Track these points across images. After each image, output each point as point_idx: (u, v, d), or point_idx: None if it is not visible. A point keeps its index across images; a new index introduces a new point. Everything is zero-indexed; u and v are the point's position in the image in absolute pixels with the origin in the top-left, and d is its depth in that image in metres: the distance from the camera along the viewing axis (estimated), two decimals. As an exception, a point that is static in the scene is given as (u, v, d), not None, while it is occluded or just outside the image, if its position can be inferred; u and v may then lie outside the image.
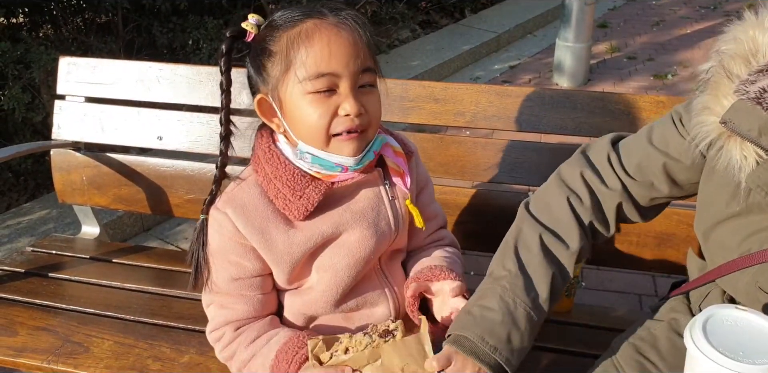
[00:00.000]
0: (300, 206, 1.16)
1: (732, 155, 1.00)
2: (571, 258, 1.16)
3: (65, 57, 1.97)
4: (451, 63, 4.94)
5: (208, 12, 4.16)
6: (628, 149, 1.21)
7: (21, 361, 1.48)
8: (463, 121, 1.72)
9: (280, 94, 1.11)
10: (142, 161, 1.94)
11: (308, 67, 1.07)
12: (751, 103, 0.96)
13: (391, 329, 1.10)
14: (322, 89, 1.08)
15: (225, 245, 1.19)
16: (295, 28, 1.09)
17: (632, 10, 6.46)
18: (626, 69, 4.94)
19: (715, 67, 1.03)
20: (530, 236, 1.18)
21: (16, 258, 1.90)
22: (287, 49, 1.08)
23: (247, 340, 1.23)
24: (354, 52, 1.09)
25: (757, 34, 0.99)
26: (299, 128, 1.12)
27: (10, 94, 2.96)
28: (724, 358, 0.85)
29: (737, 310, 0.92)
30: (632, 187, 1.19)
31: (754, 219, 1.04)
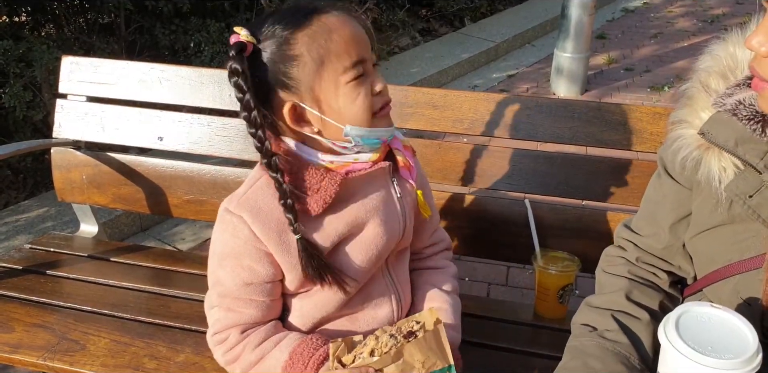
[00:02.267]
0: (318, 199, 1.15)
1: (711, 167, 1.03)
2: (621, 298, 1.18)
3: (68, 56, 1.99)
4: (450, 71, 4.97)
5: (210, 15, 4.18)
6: (635, 218, 1.28)
7: (17, 357, 1.49)
8: (461, 128, 1.74)
9: (315, 92, 1.12)
10: (142, 161, 1.96)
11: (344, 58, 1.10)
12: (728, 115, 0.99)
13: (415, 330, 1.12)
14: (358, 75, 1.12)
15: (240, 249, 1.17)
16: (311, 27, 1.09)
17: (630, 22, 6.52)
18: (623, 80, 4.98)
19: (692, 83, 1.07)
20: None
21: (14, 255, 1.91)
22: (316, 48, 1.09)
23: (254, 343, 1.21)
24: (366, 36, 1.15)
25: (737, 51, 1.02)
26: (345, 116, 1.13)
27: (11, 92, 2.98)
28: (691, 351, 0.88)
29: (712, 308, 0.95)
30: (641, 243, 1.24)
31: (736, 229, 1.06)
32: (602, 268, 1.27)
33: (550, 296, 1.66)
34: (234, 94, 1.09)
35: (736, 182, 1.02)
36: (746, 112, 0.98)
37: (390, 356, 1.08)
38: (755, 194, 1.00)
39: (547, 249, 1.68)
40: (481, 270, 2.82)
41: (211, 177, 1.90)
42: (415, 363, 1.07)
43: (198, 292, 1.72)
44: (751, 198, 1.01)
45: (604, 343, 1.11)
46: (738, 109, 0.98)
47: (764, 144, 0.99)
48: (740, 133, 0.99)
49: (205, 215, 1.92)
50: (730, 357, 0.87)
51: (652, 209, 1.22)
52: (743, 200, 1.01)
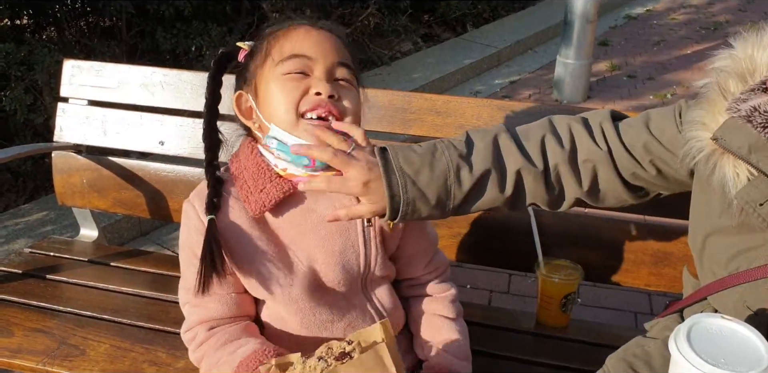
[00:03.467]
0: (258, 200, 1.16)
1: (725, 172, 1.02)
2: (515, 170, 1.14)
3: (70, 60, 1.98)
4: (452, 76, 4.98)
5: (212, 19, 4.18)
6: (626, 126, 1.19)
7: (16, 362, 1.48)
8: (464, 135, 1.74)
9: (256, 83, 1.16)
10: (143, 166, 1.95)
11: (284, 50, 1.13)
12: (742, 121, 0.98)
13: (348, 351, 1.03)
14: (295, 70, 1.12)
15: (191, 237, 1.20)
16: (278, 31, 1.17)
17: (633, 29, 6.53)
18: (626, 87, 4.98)
19: (711, 83, 1.05)
20: (493, 132, 1.18)
21: (14, 259, 1.90)
22: (267, 44, 1.16)
23: (217, 344, 1.20)
24: (330, 44, 1.16)
25: (755, 53, 1.01)
26: (269, 108, 1.13)
27: (12, 95, 2.98)
28: (704, 363, 0.87)
29: (723, 319, 0.94)
30: (618, 154, 1.16)
31: (745, 237, 1.05)
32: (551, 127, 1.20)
33: (553, 304, 1.65)
34: None
35: (747, 190, 1.01)
36: (761, 119, 0.96)
37: None
38: (766, 203, 0.99)
39: (550, 257, 1.67)
40: (483, 278, 2.81)
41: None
42: None
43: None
44: (761, 206, 1.00)
45: (452, 176, 1.11)
46: (753, 116, 0.97)
47: None
48: (754, 141, 0.97)
49: (205, 220, 1.91)
50: (744, 370, 0.86)
51: (654, 145, 1.14)
52: (753, 208, 1.00)
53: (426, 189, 1.09)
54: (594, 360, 1.29)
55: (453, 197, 1.12)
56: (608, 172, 1.17)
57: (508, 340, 1.64)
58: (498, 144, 1.16)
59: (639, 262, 1.67)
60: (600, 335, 1.63)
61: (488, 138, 1.16)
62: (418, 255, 1.35)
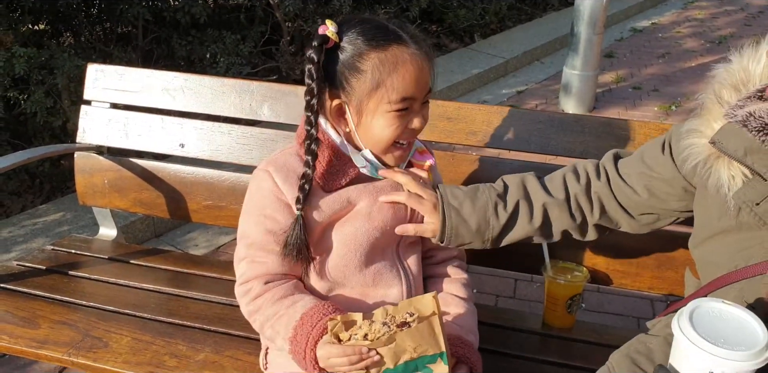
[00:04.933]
0: (335, 180, 1.32)
1: (720, 175, 1.08)
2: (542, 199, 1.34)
3: (93, 64, 2.05)
4: (459, 86, 5.04)
5: (226, 27, 4.26)
6: (624, 161, 1.36)
7: (43, 353, 1.54)
8: (474, 141, 1.80)
9: (362, 107, 1.25)
10: (163, 167, 2.01)
11: (397, 92, 1.23)
12: (739, 126, 1.04)
13: (409, 321, 1.16)
14: (401, 109, 1.25)
15: (264, 199, 1.32)
16: (385, 53, 1.23)
17: (639, 42, 6.59)
18: (631, 99, 5.04)
19: (707, 93, 1.12)
20: (523, 176, 1.40)
21: (38, 255, 1.97)
22: (380, 72, 1.22)
23: (275, 297, 1.31)
24: (426, 78, 1.27)
25: (750, 65, 1.08)
26: (370, 136, 1.29)
27: (33, 98, 3.05)
28: (705, 342, 0.93)
29: (723, 304, 1.00)
30: (615, 184, 1.33)
31: (743, 236, 1.11)
32: (571, 170, 1.40)
33: (559, 305, 1.70)
34: (306, 78, 1.24)
35: (744, 190, 1.07)
36: (756, 123, 1.03)
37: (382, 341, 1.13)
38: (762, 202, 1.05)
39: (556, 260, 1.72)
40: (489, 282, 2.86)
41: (230, 183, 1.95)
42: (406, 347, 1.14)
43: (216, 294, 1.77)
44: (758, 206, 1.06)
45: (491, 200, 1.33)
46: (748, 121, 1.04)
47: None
48: (749, 144, 1.04)
49: (223, 220, 1.98)
50: (742, 349, 0.92)
51: (645, 171, 1.29)
52: (750, 208, 1.07)
53: (468, 218, 1.31)
54: (598, 359, 1.33)
55: (491, 228, 1.33)
56: (610, 201, 1.34)
57: (516, 339, 1.68)
58: (526, 183, 1.37)
59: (643, 265, 1.72)
60: (604, 336, 1.68)
61: (519, 181, 1.37)
62: None
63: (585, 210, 1.34)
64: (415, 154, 1.41)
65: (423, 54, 1.26)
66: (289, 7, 4.16)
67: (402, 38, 1.25)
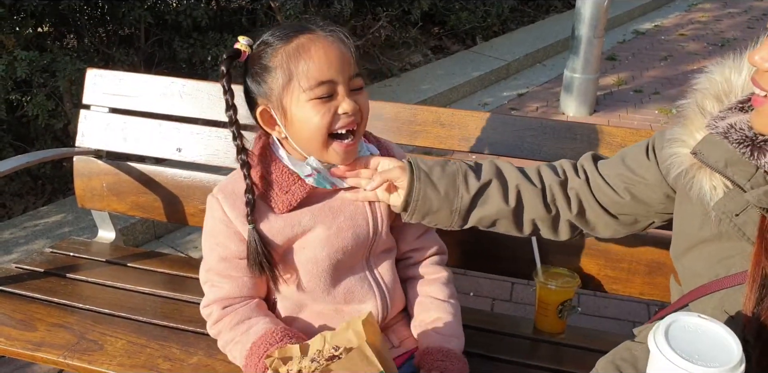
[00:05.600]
0: (284, 200, 1.29)
1: (702, 185, 1.10)
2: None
3: (92, 69, 2.08)
4: (460, 88, 5.05)
5: (228, 29, 4.28)
6: (604, 162, 1.36)
7: (39, 355, 1.56)
8: (467, 146, 1.81)
9: (284, 104, 1.23)
10: (160, 171, 2.03)
11: (309, 77, 1.20)
12: (720, 137, 1.06)
13: (337, 354, 1.15)
14: (323, 95, 1.21)
15: (215, 227, 1.33)
16: (291, 44, 1.21)
17: (641, 44, 6.59)
18: (632, 101, 5.04)
19: (689, 103, 1.14)
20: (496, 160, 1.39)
21: (36, 258, 1.99)
22: (287, 63, 1.20)
23: (232, 322, 1.34)
24: (346, 60, 1.23)
25: (732, 76, 1.09)
26: (302, 131, 1.24)
27: (35, 101, 3.07)
28: (679, 359, 0.93)
29: (699, 318, 1.00)
30: (594, 183, 1.32)
31: (723, 246, 1.12)
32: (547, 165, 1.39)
33: (550, 310, 1.71)
34: (223, 95, 1.26)
35: (724, 201, 1.08)
36: (737, 135, 1.04)
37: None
38: (741, 213, 1.06)
39: (548, 265, 1.74)
40: (486, 286, 2.87)
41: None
42: None
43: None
44: (737, 217, 1.07)
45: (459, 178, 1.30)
46: (729, 133, 1.05)
47: (752, 166, 1.05)
48: (730, 155, 1.05)
49: (219, 224, 1.99)
50: (716, 365, 0.92)
51: (626, 174, 1.29)
52: (730, 218, 1.08)
53: (437, 181, 1.28)
54: (587, 364, 1.35)
55: (460, 196, 1.28)
56: (590, 200, 1.33)
57: (506, 344, 1.70)
58: (500, 165, 1.35)
59: (634, 271, 1.73)
60: (594, 341, 1.69)
61: (490, 161, 1.35)
62: (409, 226, 1.44)
63: (560, 204, 1.33)
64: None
65: (333, 38, 1.24)
66: (291, 10, 4.18)
67: (308, 28, 1.24)
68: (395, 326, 1.46)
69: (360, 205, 1.36)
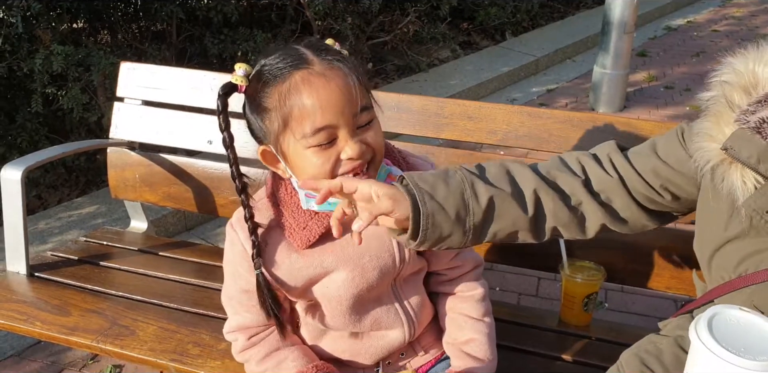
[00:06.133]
0: (303, 237, 1.22)
1: (732, 181, 1.07)
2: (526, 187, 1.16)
3: (126, 62, 2.12)
4: (489, 84, 5.04)
5: (257, 25, 4.33)
6: (635, 154, 1.24)
7: (73, 339, 1.61)
8: (494, 140, 1.82)
9: (282, 147, 1.14)
10: (192, 163, 2.07)
11: (304, 124, 1.08)
12: (751, 132, 1.03)
13: None
14: (322, 142, 1.10)
15: (234, 257, 1.28)
16: (285, 84, 1.09)
17: (673, 41, 6.51)
18: (662, 98, 4.99)
19: (716, 96, 1.12)
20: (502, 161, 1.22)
21: (71, 246, 2.04)
22: (280, 107, 1.10)
23: (260, 355, 1.31)
24: (347, 98, 1.10)
25: (756, 68, 1.07)
26: (303, 175, 1.15)
27: (70, 94, 3.14)
28: (725, 351, 0.90)
29: (741, 311, 0.97)
30: (630, 181, 1.20)
31: (752, 242, 1.10)
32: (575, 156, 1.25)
33: (576, 303, 1.72)
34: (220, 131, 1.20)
35: (754, 198, 1.06)
36: None
37: None
38: None
39: (574, 259, 1.74)
40: (512, 281, 2.87)
41: (256, 179, 1.99)
42: None
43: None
44: None
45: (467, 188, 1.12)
46: (762, 128, 1.02)
47: None
48: (763, 150, 1.03)
49: (248, 215, 2.02)
50: (764, 359, 0.89)
51: (663, 169, 1.19)
52: (761, 215, 1.06)
53: (444, 202, 1.09)
54: (613, 357, 1.34)
55: (472, 213, 1.11)
56: (624, 200, 1.20)
57: (532, 336, 1.70)
58: (509, 168, 1.18)
59: (661, 265, 1.72)
60: (619, 334, 1.69)
61: (497, 163, 1.19)
62: None
63: (587, 207, 1.19)
64: (387, 180, 1.25)
65: (333, 73, 1.10)
66: (319, 5, 4.21)
67: (304, 61, 1.10)
68: (420, 337, 1.42)
69: (386, 239, 1.26)
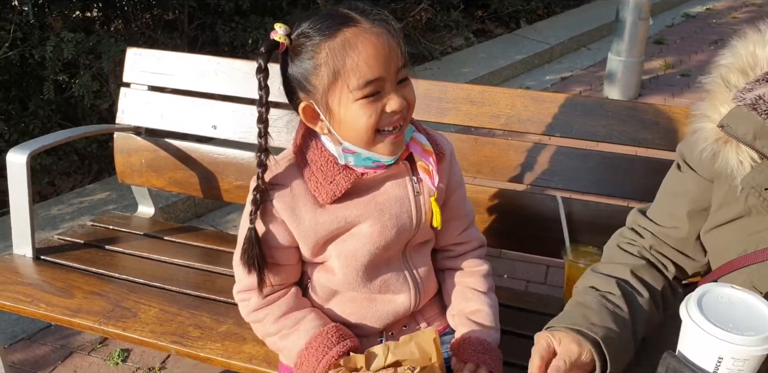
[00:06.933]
0: (329, 191, 1.25)
1: (729, 159, 1.07)
2: (626, 272, 1.21)
3: (132, 48, 2.13)
4: (502, 72, 5.01)
5: (269, 13, 4.33)
6: (652, 208, 1.30)
7: (76, 321, 1.63)
8: (497, 124, 1.80)
9: (329, 102, 1.17)
10: (197, 148, 2.08)
11: (355, 77, 1.13)
12: (748, 109, 1.03)
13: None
14: (370, 94, 1.15)
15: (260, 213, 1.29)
16: (336, 39, 1.13)
17: (690, 28, 6.42)
18: (678, 86, 4.93)
19: (713, 77, 1.11)
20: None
21: (77, 230, 2.06)
22: (333, 61, 1.13)
23: (275, 315, 1.32)
24: (393, 53, 1.16)
25: (757, 49, 1.06)
26: (348, 130, 1.19)
27: (81, 82, 3.16)
28: (714, 327, 0.91)
29: (732, 289, 0.98)
30: (659, 233, 1.25)
31: (751, 221, 1.09)
32: (617, 243, 1.30)
33: (578, 289, 1.70)
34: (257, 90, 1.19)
35: (752, 175, 1.06)
36: (765, 106, 1.01)
37: None
38: None
39: (578, 244, 1.72)
40: (521, 268, 2.86)
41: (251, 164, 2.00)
42: None
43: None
44: (766, 191, 1.05)
45: (606, 303, 1.15)
46: (758, 104, 1.02)
47: None
48: (759, 127, 1.02)
49: (252, 200, 2.03)
50: (751, 334, 0.90)
51: (672, 201, 1.24)
52: (759, 192, 1.05)
53: (619, 336, 1.11)
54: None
55: (627, 322, 1.14)
56: (666, 248, 1.25)
57: (535, 321, 1.67)
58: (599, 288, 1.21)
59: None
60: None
61: (591, 280, 1.24)
62: (453, 221, 1.43)
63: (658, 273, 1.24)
64: (420, 152, 1.31)
65: (378, 30, 1.15)
66: (331, -8, 4.20)
67: (351, 19, 1.15)
68: (423, 309, 1.45)
69: (406, 202, 1.31)
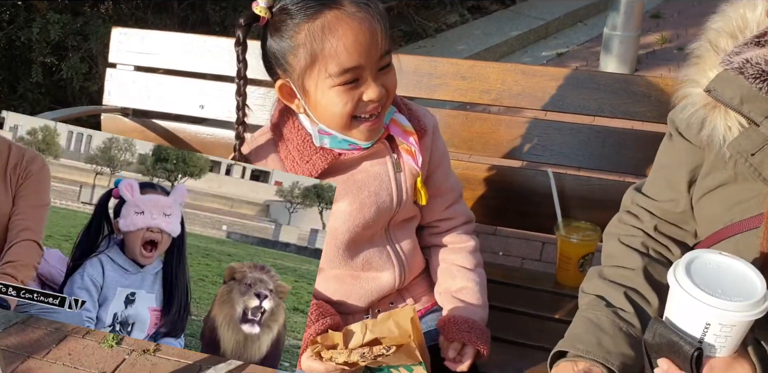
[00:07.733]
0: (305, 170, 1.23)
1: (716, 125, 1.05)
2: (637, 277, 1.20)
3: (118, 28, 2.09)
4: (497, 48, 4.96)
5: (259, -9, 4.27)
6: (647, 182, 1.29)
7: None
8: (488, 99, 1.78)
9: (305, 84, 1.15)
10: (184, 128, 2.06)
11: (333, 64, 1.10)
12: (735, 73, 1.00)
13: (388, 354, 1.14)
14: (347, 81, 1.12)
15: None
16: (316, 21, 1.10)
17: (688, 2, 6.34)
18: (675, 60, 4.89)
19: (702, 42, 1.08)
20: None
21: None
22: (311, 44, 1.10)
23: None
24: (375, 41, 1.12)
25: (747, 12, 1.03)
26: (323, 114, 1.18)
27: (69, 64, 3.13)
28: (701, 292, 0.90)
29: (720, 255, 0.97)
30: (657, 210, 1.24)
31: (739, 189, 1.08)
32: (618, 237, 1.28)
33: (571, 264, 1.70)
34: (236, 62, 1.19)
35: (739, 140, 1.04)
36: (753, 70, 0.99)
37: (360, 367, 1.17)
38: (757, 152, 1.02)
39: (570, 219, 1.71)
40: (516, 245, 2.86)
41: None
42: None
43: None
44: (753, 156, 1.03)
45: (620, 323, 1.14)
46: (745, 68, 0.99)
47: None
48: (746, 91, 1.00)
49: (242, 180, 2.01)
50: (739, 300, 0.90)
51: (667, 174, 1.23)
52: (745, 158, 1.03)
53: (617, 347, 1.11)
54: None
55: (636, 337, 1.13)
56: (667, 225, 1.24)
57: (526, 297, 1.69)
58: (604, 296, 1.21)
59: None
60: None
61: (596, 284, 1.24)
62: (438, 197, 1.41)
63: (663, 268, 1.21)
64: (399, 133, 1.29)
65: (362, 15, 1.11)
66: (323, -30, 4.14)
67: (335, 0, 1.11)
68: (410, 286, 1.44)
69: (385, 179, 1.30)
